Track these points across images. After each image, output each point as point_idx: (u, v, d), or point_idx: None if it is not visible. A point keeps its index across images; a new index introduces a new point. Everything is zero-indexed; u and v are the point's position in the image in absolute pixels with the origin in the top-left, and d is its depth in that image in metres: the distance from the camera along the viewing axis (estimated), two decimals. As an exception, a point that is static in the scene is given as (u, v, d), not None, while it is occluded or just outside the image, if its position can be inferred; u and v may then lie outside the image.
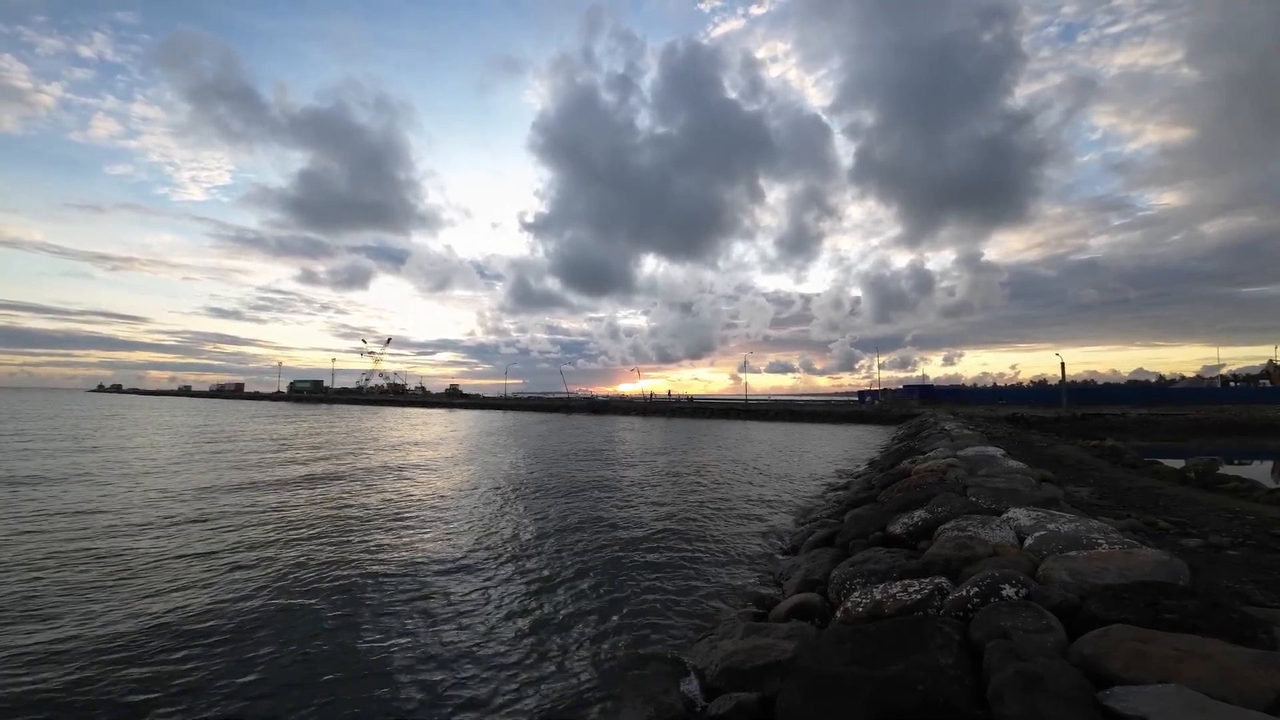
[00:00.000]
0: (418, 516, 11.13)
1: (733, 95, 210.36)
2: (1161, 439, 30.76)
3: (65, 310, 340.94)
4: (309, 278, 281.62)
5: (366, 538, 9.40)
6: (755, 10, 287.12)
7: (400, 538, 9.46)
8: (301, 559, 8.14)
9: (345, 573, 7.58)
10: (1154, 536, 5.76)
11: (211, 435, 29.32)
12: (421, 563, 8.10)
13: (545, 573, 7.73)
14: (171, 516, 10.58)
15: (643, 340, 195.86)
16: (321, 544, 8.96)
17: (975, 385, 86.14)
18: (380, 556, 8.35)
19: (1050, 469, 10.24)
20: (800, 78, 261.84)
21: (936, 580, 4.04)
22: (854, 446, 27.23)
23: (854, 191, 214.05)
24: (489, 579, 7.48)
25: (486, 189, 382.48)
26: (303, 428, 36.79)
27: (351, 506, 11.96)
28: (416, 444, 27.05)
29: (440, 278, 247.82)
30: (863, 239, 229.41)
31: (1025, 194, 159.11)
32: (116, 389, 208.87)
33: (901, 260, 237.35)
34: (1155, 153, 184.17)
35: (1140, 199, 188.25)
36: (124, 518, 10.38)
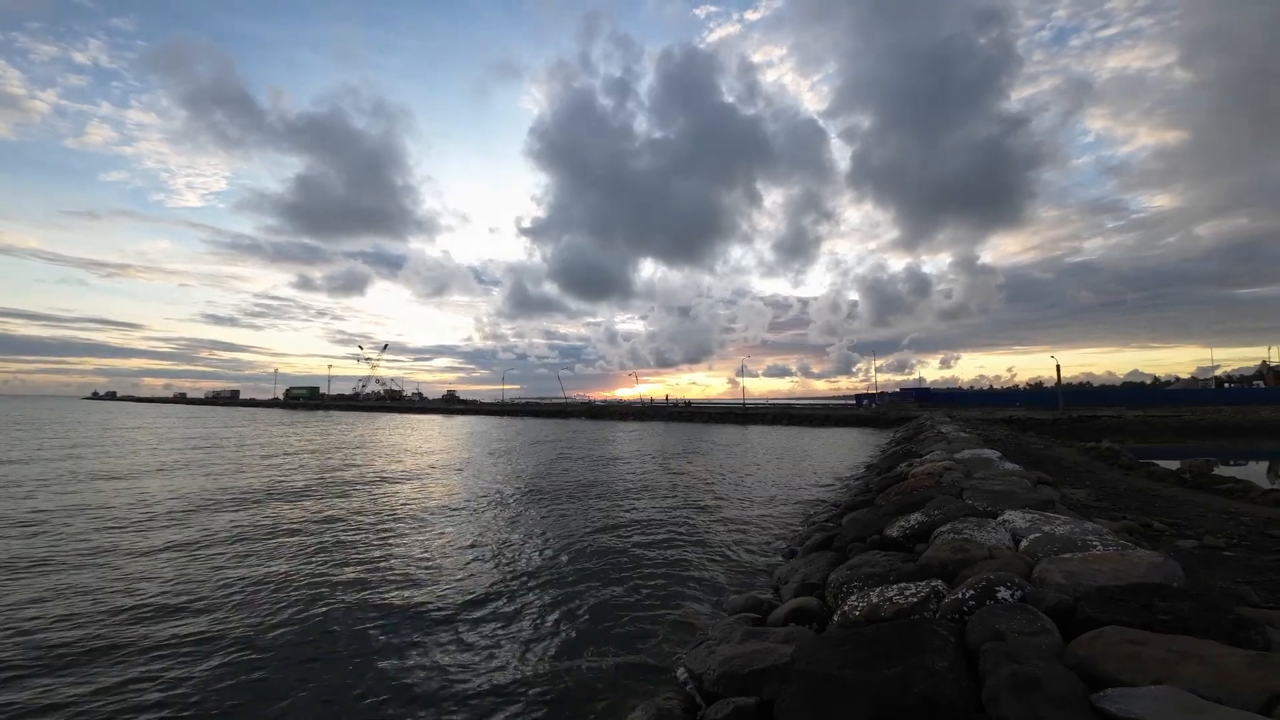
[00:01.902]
0: (414, 521, 11.09)
1: (729, 99, 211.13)
2: (1157, 440, 30.89)
3: (60, 317, 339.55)
4: (305, 284, 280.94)
5: (364, 545, 9.37)
6: (751, 15, 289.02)
7: (397, 544, 9.42)
8: (302, 572, 8.11)
9: (340, 578, 7.55)
10: (1149, 538, 5.78)
11: (206, 444, 29.15)
12: (418, 566, 8.07)
13: (542, 579, 7.71)
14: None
15: (640, 345, 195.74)
16: (321, 555, 8.92)
17: (972, 388, 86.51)
18: (376, 565, 8.32)
19: (1047, 471, 10.27)
20: (796, 82, 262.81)
21: (933, 583, 4.04)
22: (851, 450, 27.25)
23: (851, 195, 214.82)
24: (485, 584, 7.46)
25: (484, 194, 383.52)
26: (300, 435, 36.61)
27: (351, 511, 11.92)
28: (414, 451, 26.97)
29: (437, 283, 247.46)
30: (860, 243, 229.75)
31: (1021, 197, 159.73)
32: (111, 396, 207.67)
33: (898, 264, 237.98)
34: (1149, 155, 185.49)
35: (1134, 201, 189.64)
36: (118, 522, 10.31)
